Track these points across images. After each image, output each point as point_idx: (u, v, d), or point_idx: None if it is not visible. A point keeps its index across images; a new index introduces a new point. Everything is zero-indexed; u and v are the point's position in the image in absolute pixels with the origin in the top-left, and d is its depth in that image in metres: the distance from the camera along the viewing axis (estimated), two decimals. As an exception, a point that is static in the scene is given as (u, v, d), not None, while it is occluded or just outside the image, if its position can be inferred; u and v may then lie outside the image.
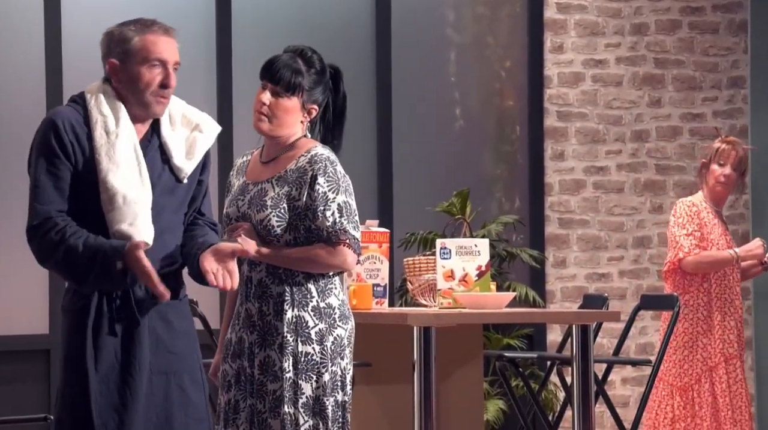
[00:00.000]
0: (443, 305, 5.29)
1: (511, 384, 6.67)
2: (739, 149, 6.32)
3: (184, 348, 3.79)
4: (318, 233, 4.14)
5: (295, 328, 4.11)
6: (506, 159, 7.83)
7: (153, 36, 3.76)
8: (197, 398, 3.80)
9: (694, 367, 6.19)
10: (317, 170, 4.15)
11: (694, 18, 8.01)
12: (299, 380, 4.10)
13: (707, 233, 6.23)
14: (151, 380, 3.72)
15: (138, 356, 3.71)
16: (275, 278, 4.14)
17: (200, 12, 7.26)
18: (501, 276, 7.27)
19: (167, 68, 3.76)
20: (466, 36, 7.76)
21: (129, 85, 3.76)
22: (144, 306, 3.73)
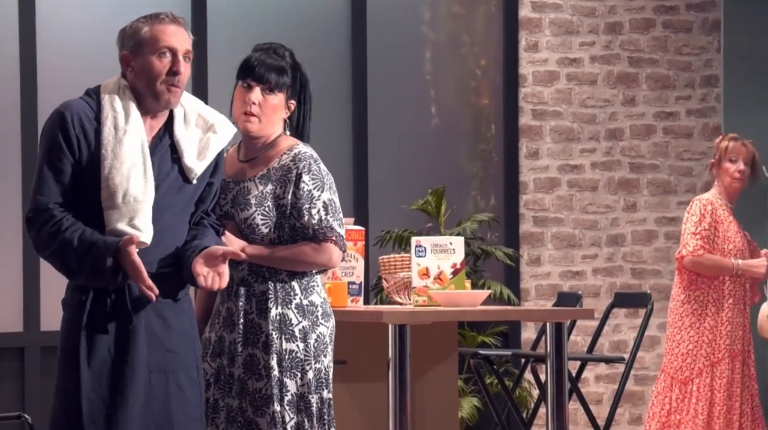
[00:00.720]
0: (418, 303, 5.27)
1: (486, 382, 6.67)
2: (748, 145, 6.35)
3: (181, 346, 3.76)
4: (303, 231, 4.12)
5: (279, 325, 4.09)
6: (481, 157, 7.83)
7: (162, 26, 3.76)
8: (194, 397, 3.79)
9: (697, 361, 6.19)
10: (302, 169, 4.14)
11: (667, 17, 8.01)
12: (284, 378, 4.08)
13: (724, 230, 6.25)
14: (150, 379, 3.71)
15: (132, 353, 3.69)
16: (258, 276, 4.11)
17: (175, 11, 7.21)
18: (476, 274, 7.27)
19: (177, 56, 3.75)
20: (442, 34, 7.75)
21: (141, 76, 3.75)
22: (140, 304, 3.71)
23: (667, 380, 6.24)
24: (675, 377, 6.22)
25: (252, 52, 4.23)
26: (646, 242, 7.99)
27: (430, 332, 5.33)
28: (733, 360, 6.19)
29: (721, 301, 6.21)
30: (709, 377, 6.17)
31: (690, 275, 6.24)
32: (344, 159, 7.54)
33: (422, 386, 5.42)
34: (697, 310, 6.21)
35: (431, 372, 5.50)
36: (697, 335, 6.20)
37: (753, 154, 6.33)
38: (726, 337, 6.19)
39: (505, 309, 6.40)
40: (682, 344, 6.22)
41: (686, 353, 6.21)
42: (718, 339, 6.20)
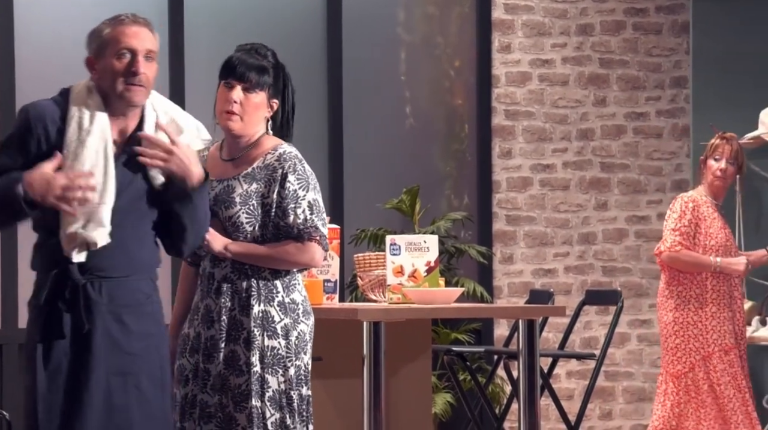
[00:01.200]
0: (393, 301, 5.28)
1: (459, 378, 6.67)
2: (733, 143, 6.36)
3: (141, 350, 3.73)
4: (287, 230, 4.12)
5: (261, 322, 4.09)
6: (455, 157, 7.83)
7: (122, 27, 3.74)
8: (156, 398, 3.75)
9: (687, 355, 6.21)
10: (288, 168, 4.14)
11: (637, 19, 8.03)
12: (266, 374, 4.08)
13: (706, 227, 6.26)
14: (109, 382, 3.68)
15: (89, 358, 3.66)
16: (241, 273, 4.11)
17: (153, 10, 7.20)
18: (449, 272, 7.27)
19: (136, 56, 3.72)
20: (416, 35, 7.75)
21: (104, 78, 3.73)
22: (97, 308, 3.68)
23: (663, 374, 6.28)
24: (668, 370, 6.25)
25: (234, 52, 4.23)
26: (617, 241, 8.01)
27: (404, 329, 5.34)
28: (726, 353, 6.19)
29: (704, 296, 6.23)
30: (702, 370, 6.19)
31: (671, 271, 6.26)
32: (320, 158, 7.53)
33: (396, 383, 5.43)
34: (680, 305, 6.23)
35: (405, 369, 5.50)
36: (683, 330, 6.22)
37: (737, 152, 6.33)
38: (712, 331, 6.21)
39: (478, 306, 6.41)
40: (669, 338, 6.24)
41: (675, 348, 6.23)
42: (705, 334, 6.21)
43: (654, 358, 7.95)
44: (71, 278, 3.66)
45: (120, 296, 3.70)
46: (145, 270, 3.76)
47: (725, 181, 6.34)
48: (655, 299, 7.82)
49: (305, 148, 7.43)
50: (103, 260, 3.67)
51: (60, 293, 3.67)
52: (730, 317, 6.23)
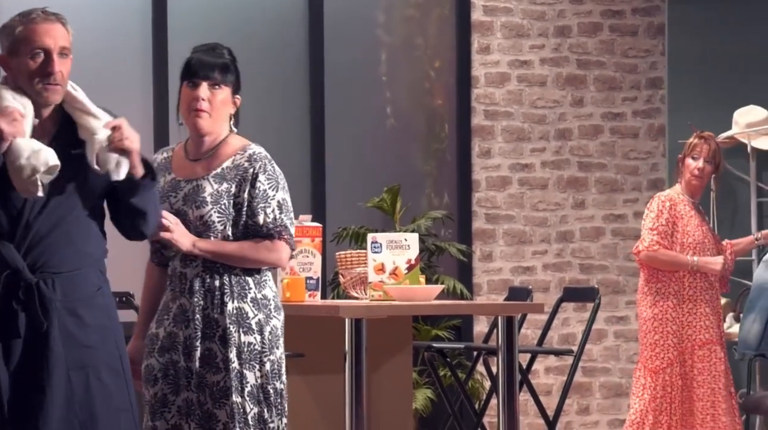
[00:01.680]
0: (374, 298, 5.27)
1: (439, 374, 6.67)
2: (711, 143, 6.34)
3: (98, 342, 3.70)
4: (256, 229, 4.10)
5: (236, 319, 4.07)
6: (435, 156, 7.83)
7: (33, 25, 3.67)
8: (118, 388, 3.73)
9: (666, 351, 6.20)
10: (258, 169, 4.12)
11: (614, 21, 8.04)
12: (244, 370, 4.06)
13: (683, 225, 6.25)
14: (70, 376, 3.66)
15: (48, 355, 3.64)
16: (213, 272, 4.08)
17: (137, 11, 7.18)
18: (430, 269, 7.27)
19: (50, 55, 3.66)
20: (397, 37, 7.75)
21: (20, 77, 3.68)
22: (52, 305, 3.65)
23: (641, 369, 6.28)
24: (646, 366, 6.25)
25: (192, 53, 4.20)
26: (594, 239, 8.02)
27: (385, 325, 5.33)
28: (701, 348, 6.17)
29: (682, 292, 6.23)
30: (679, 366, 6.18)
31: (650, 269, 6.26)
32: (302, 158, 7.53)
33: (378, 379, 5.42)
34: (659, 301, 6.23)
35: (386, 365, 5.50)
36: (661, 326, 6.22)
37: (714, 152, 6.31)
38: (689, 327, 6.20)
39: (458, 303, 6.41)
40: (648, 334, 6.24)
41: (653, 344, 6.23)
42: (683, 330, 6.21)
43: (630, 354, 7.96)
44: (23, 278, 3.63)
45: (72, 290, 3.67)
46: (93, 262, 3.73)
47: (702, 180, 6.33)
48: (631, 296, 7.84)
49: (288, 147, 7.48)
50: (52, 256, 3.64)
51: (14, 294, 3.63)
52: (708, 312, 6.22)
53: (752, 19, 7.58)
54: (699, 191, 6.37)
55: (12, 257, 3.63)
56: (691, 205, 6.33)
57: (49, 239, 3.66)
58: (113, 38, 7.11)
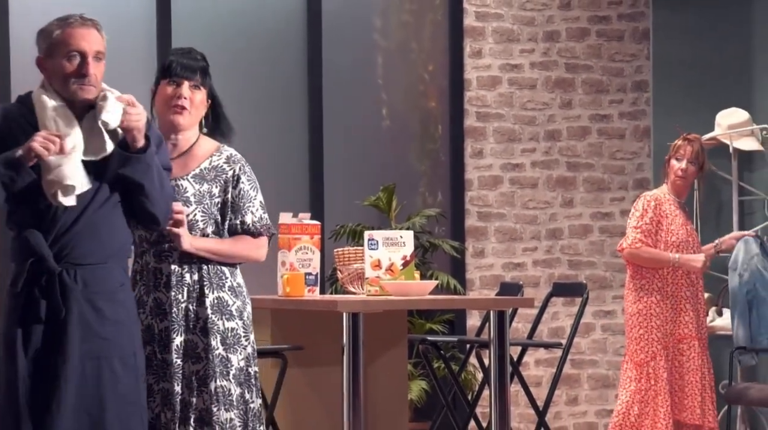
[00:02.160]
0: (371, 293, 5.29)
1: (434, 366, 6.68)
2: (695, 145, 6.33)
3: (114, 334, 3.74)
4: (244, 228, 4.16)
5: (218, 308, 4.11)
6: (429, 156, 7.84)
7: (71, 29, 3.74)
8: (128, 381, 3.76)
9: (650, 345, 6.21)
10: (239, 170, 4.17)
11: (601, 26, 8.05)
12: (229, 354, 4.10)
13: (668, 224, 6.25)
14: (84, 365, 3.69)
15: (65, 342, 3.67)
16: (190, 266, 4.11)
17: (141, 17, 7.20)
18: (424, 265, 7.28)
19: (86, 58, 3.73)
20: (392, 41, 7.76)
21: (55, 78, 3.75)
22: (72, 295, 3.69)
23: (627, 362, 6.30)
24: (632, 359, 6.27)
25: (171, 56, 4.21)
26: (582, 236, 8.04)
27: (381, 319, 5.35)
28: (682, 342, 6.19)
29: (665, 288, 6.23)
30: (663, 359, 6.19)
31: (635, 266, 6.27)
32: (301, 158, 7.54)
33: (374, 371, 5.44)
34: (643, 297, 6.24)
35: (383, 357, 5.51)
36: (646, 321, 6.23)
37: (697, 153, 6.32)
38: (672, 322, 6.21)
39: (451, 298, 6.43)
40: (634, 329, 6.25)
41: (638, 338, 6.24)
42: (666, 324, 6.22)
43: (617, 347, 7.99)
44: (47, 266, 3.67)
45: (94, 282, 3.71)
46: (117, 258, 3.77)
47: (686, 181, 6.34)
48: (618, 291, 7.88)
49: (288, 148, 7.52)
50: (77, 248, 3.69)
51: (36, 281, 3.68)
52: (689, 308, 6.22)
53: (733, 25, 7.60)
54: (684, 191, 6.38)
55: (39, 245, 3.67)
56: (677, 204, 6.34)
57: (74, 230, 3.70)
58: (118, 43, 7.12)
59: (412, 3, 7.80)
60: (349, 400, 4.95)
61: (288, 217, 5.36)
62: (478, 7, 7.81)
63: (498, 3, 7.85)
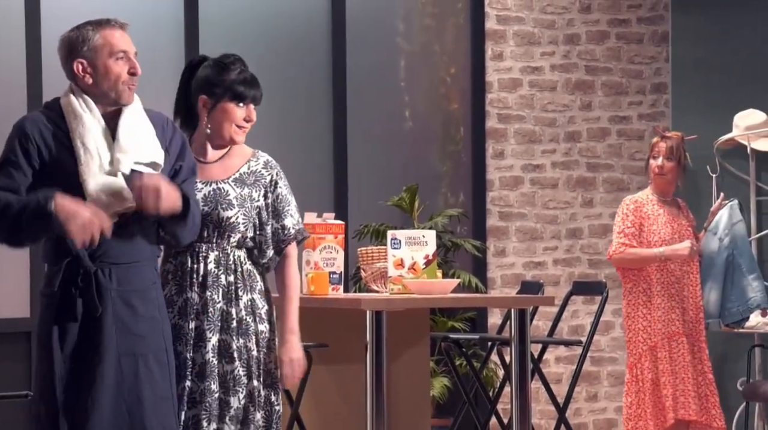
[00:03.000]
0: (393, 291, 5.29)
1: (455, 363, 6.68)
2: (669, 141, 6.26)
3: (148, 331, 3.76)
4: (283, 231, 4.19)
5: (251, 310, 4.13)
6: (451, 157, 7.84)
7: (111, 30, 3.76)
8: (162, 378, 3.77)
9: (636, 346, 6.17)
10: (276, 176, 4.22)
11: (620, 29, 8.04)
12: (260, 356, 4.12)
13: (650, 225, 6.19)
14: (120, 361, 3.70)
15: (101, 339, 3.68)
16: (226, 268, 4.13)
17: (170, 18, 7.22)
18: (446, 264, 7.28)
19: (131, 58, 3.75)
20: (415, 45, 7.76)
21: (100, 80, 3.74)
22: (107, 293, 3.70)
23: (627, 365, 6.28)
24: (627, 362, 6.25)
25: (236, 73, 4.22)
26: (602, 235, 8.02)
27: (404, 317, 5.35)
28: (670, 340, 6.12)
29: (650, 290, 6.17)
30: (648, 361, 6.14)
31: (622, 270, 6.22)
32: (326, 159, 7.54)
33: (397, 368, 5.44)
34: (632, 301, 6.19)
35: (405, 355, 5.51)
36: (634, 324, 6.18)
37: (672, 149, 6.23)
38: (658, 322, 6.14)
39: (473, 297, 6.42)
40: (625, 332, 6.23)
41: (628, 341, 6.22)
42: (652, 325, 6.16)
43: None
44: (83, 265, 3.68)
45: (128, 281, 3.72)
46: (149, 258, 3.79)
47: (665, 177, 6.22)
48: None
49: (313, 149, 7.51)
50: (111, 248, 3.70)
51: (73, 280, 3.69)
52: (674, 306, 6.12)
53: (750, 28, 7.57)
54: (667, 188, 6.26)
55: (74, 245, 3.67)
56: (661, 203, 6.27)
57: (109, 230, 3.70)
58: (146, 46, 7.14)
59: (434, 7, 7.79)
60: (372, 396, 4.96)
61: (313, 217, 5.35)
62: (499, 10, 7.80)
63: (519, 6, 7.84)
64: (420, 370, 5.56)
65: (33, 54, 6.84)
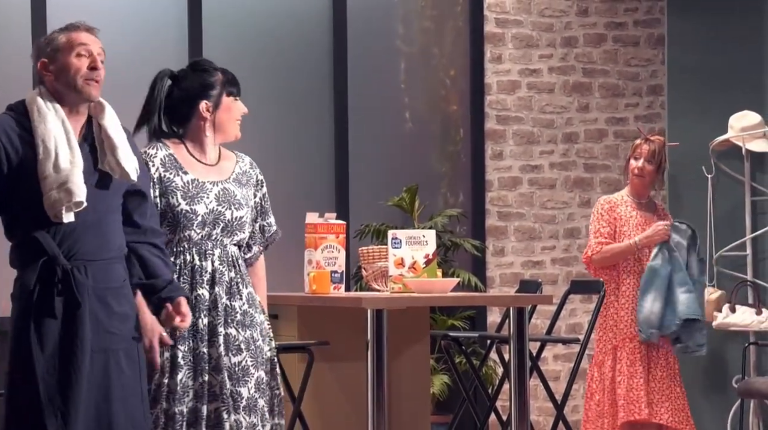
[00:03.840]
0: (394, 290, 5.29)
1: (455, 361, 6.67)
2: (652, 144, 6.26)
3: (121, 328, 3.75)
4: (266, 228, 4.31)
5: (252, 302, 4.19)
6: (451, 158, 7.84)
7: (76, 33, 3.78)
8: (133, 375, 3.76)
9: (604, 345, 6.20)
10: (260, 174, 4.30)
11: (617, 32, 8.04)
12: (264, 345, 4.18)
13: (621, 226, 6.20)
14: (92, 358, 3.69)
15: (80, 336, 3.67)
16: (228, 264, 4.17)
17: (173, 19, 7.22)
18: (446, 264, 7.28)
19: (93, 55, 3.76)
20: (414, 47, 7.77)
21: (61, 77, 3.74)
22: (84, 290, 3.70)
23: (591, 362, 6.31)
24: (594, 359, 6.27)
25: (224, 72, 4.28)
26: (599, 235, 8.01)
27: (404, 316, 5.36)
28: (632, 340, 6.13)
29: (618, 290, 6.18)
30: (611, 359, 6.16)
31: (595, 272, 6.25)
32: (326, 159, 7.55)
33: (397, 365, 5.44)
34: (605, 303, 6.22)
35: (406, 352, 5.52)
36: (605, 323, 6.19)
37: (654, 152, 6.24)
38: (622, 322, 6.16)
39: (472, 295, 6.43)
40: (596, 330, 6.24)
41: (597, 339, 6.24)
42: (620, 324, 6.17)
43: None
44: (59, 264, 3.66)
45: (103, 278, 3.71)
46: (119, 255, 3.78)
47: (643, 179, 6.21)
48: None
49: (313, 150, 7.52)
50: (84, 246, 3.69)
51: (49, 278, 3.67)
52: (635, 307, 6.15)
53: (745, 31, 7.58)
54: (643, 190, 6.25)
55: (48, 245, 3.66)
56: (635, 205, 6.26)
57: (80, 229, 3.69)
58: (149, 46, 7.15)
59: (433, 9, 7.80)
60: (373, 393, 4.96)
61: (314, 217, 5.36)
62: (498, 13, 7.81)
63: (517, 10, 7.85)
64: (420, 367, 5.56)
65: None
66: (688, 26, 7.81)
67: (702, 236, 6.63)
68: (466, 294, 6.40)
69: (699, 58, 7.74)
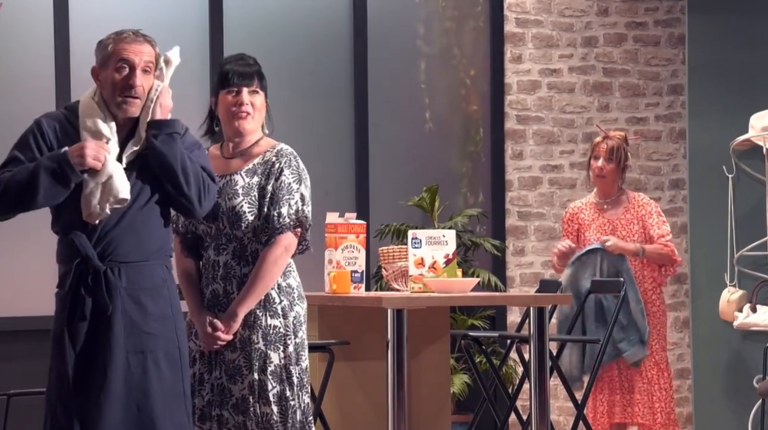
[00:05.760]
0: (414, 290, 5.29)
1: (475, 360, 6.67)
2: (610, 142, 6.19)
3: (159, 329, 3.77)
4: (276, 219, 4.13)
5: (264, 304, 4.12)
6: (471, 158, 7.84)
7: (123, 43, 3.79)
8: (173, 375, 3.78)
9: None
10: (284, 164, 4.17)
11: (638, 32, 8.03)
12: (268, 351, 4.11)
13: (583, 232, 6.20)
14: (128, 359, 3.71)
15: (110, 337, 3.70)
16: (241, 259, 4.13)
17: (195, 22, 7.24)
18: (466, 263, 7.28)
19: (134, 70, 3.77)
20: (435, 47, 7.77)
21: (104, 88, 3.80)
22: (117, 292, 3.72)
23: None
24: None
25: (226, 65, 4.24)
26: (619, 235, 7.99)
27: (424, 316, 5.36)
28: None
29: None
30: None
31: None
32: (347, 160, 7.55)
33: (418, 365, 5.44)
34: None
35: (426, 352, 5.52)
36: None
37: (612, 150, 6.16)
38: None
39: (492, 295, 6.41)
40: None
41: None
42: None
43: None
44: (92, 265, 3.70)
45: (137, 279, 3.73)
46: (158, 257, 3.80)
47: (605, 179, 6.14)
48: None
49: (334, 150, 7.52)
50: (119, 247, 3.72)
51: (83, 280, 3.71)
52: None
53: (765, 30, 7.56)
54: (607, 190, 6.19)
55: (83, 246, 3.70)
56: (599, 210, 6.21)
57: (117, 230, 3.73)
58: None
59: (454, 10, 7.79)
60: (393, 393, 4.96)
61: (335, 217, 5.36)
62: (518, 13, 7.80)
63: (538, 10, 7.84)
64: (440, 367, 5.56)
65: (61, 60, 6.86)
66: (709, 26, 7.79)
67: (723, 235, 6.61)
68: (486, 294, 6.39)
69: (719, 57, 7.72)
